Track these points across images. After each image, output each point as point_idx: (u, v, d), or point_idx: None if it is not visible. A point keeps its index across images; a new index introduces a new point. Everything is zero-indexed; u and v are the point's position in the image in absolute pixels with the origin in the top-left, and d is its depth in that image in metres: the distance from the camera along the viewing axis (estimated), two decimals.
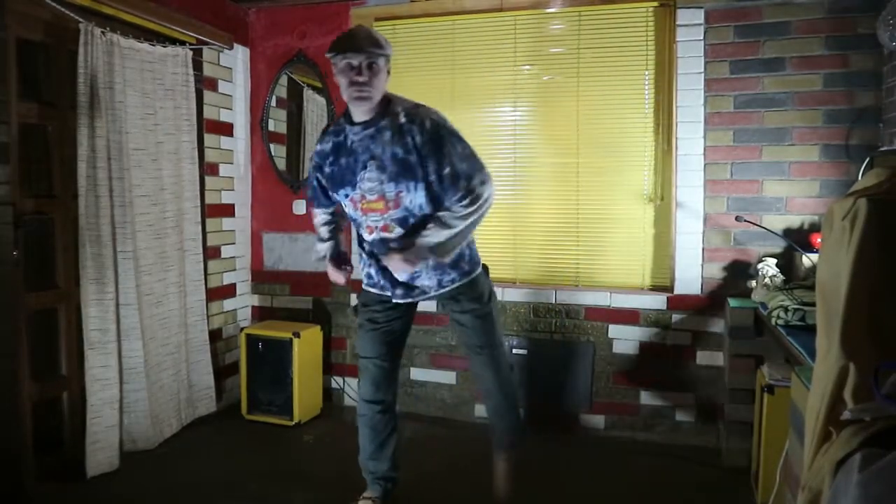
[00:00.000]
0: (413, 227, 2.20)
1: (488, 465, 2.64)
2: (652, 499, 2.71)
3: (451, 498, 2.70)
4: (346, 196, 2.25)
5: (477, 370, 2.53)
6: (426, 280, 2.30)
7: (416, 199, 2.16)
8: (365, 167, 2.16)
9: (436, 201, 2.18)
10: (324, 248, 2.54)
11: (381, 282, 2.35)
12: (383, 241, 2.24)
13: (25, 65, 2.65)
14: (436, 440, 3.31)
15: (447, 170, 2.10)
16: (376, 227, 2.24)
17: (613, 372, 3.33)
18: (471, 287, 2.37)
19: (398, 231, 2.21)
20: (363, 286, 2.46)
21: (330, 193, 2.35)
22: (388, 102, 2.16)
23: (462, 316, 2.41)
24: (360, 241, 2.38)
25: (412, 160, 2.10)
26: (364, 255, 2.39)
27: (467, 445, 3.14)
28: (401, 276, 2.28)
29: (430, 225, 2.15)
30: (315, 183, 2.39)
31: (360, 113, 2.14)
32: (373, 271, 2.37)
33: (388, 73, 2.17)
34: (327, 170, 2.28)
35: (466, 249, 2.35)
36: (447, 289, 2.33)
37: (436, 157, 2.10)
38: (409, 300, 2.36)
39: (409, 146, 2.10)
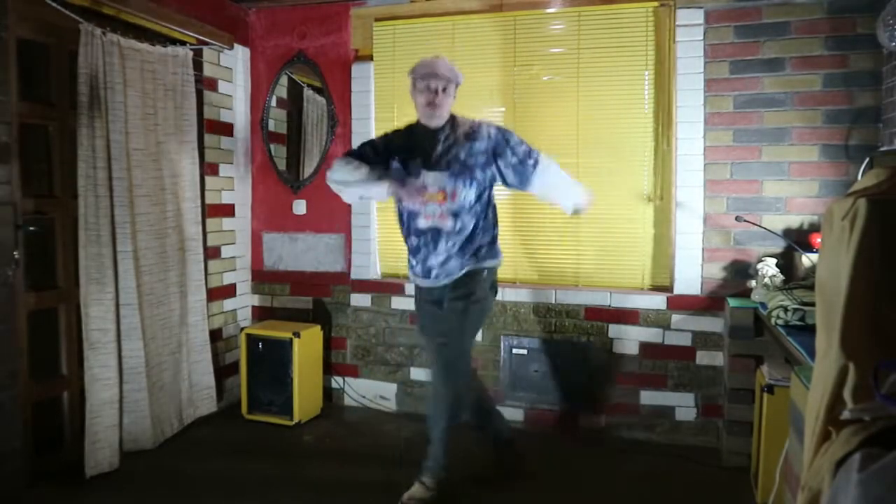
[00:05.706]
0: (463, 222, 2.55)
1: (488, 465, 2.64)
2: (652, 498, 2.71)
3: (451, 498, 2.70)
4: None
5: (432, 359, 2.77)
6: (454, 262, 2.57)
7: (468, 195, 2.55)
8: (430, 161, 2.55)
9: (482, 200, 2.58)
10: (372, 174, 2.59)
11: (418, 268, 2.63)
12: (437, 229, 2.55)
13: (25, 65, 2.65)
14: None
15: (522, 148, 2.58)
16: (434, 216, 2.56)
17: (613, 372, 3.33)
18: (473, 275, 2.59)
19: (450, 222, 2.54)
20: (411, 277, 2.74)
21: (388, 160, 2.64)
22: (454, 118, 2.63)
23: (447, 302, 2.61)
24: (409, 233, 2.64)
25: (470, 162, 2.54)
26: (411, 247, 2.64)
27: (467, 445, 3.14)
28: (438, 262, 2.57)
29: (551, 185, 2.64)
30: (372, 144, 2.69)
31: (431, 123, 2.57)
32: (415, 261, 2.64)
33: (454, 97, 2.61)
34: (397, 143, 2.65)
35: (488, 244, 2.63)
36: (464, 270, 2.58)
37: (508, 148, 2.57)
38: (438, 283, 2.60)
39: (471, 151, 2.55)
